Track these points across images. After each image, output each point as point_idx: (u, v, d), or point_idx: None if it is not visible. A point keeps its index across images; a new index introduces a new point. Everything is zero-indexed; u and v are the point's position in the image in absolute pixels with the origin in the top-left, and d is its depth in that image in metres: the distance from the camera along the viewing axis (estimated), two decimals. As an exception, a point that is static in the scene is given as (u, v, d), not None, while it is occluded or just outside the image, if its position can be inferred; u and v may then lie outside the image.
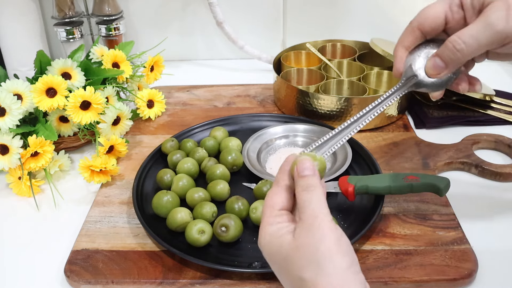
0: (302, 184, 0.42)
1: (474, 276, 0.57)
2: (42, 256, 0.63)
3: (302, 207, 0.41)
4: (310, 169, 0.43)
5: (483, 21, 0.46)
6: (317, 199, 0.41)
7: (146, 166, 0.74)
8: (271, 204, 0.43)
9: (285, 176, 0.44)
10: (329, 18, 1.12)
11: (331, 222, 0.39)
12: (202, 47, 1.17)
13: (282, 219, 0.42)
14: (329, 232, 0.38)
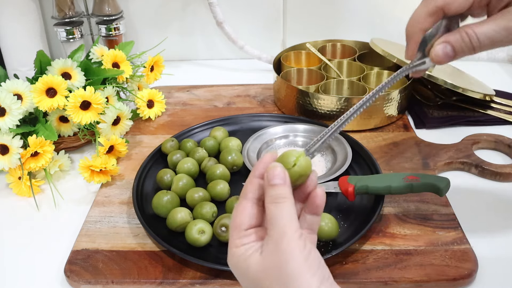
0: (271, 194, 0.40)
1: (474, 276, 0.57)
2: (42, 256, 0.63)
3: (270, 222, 0.39)
4: (280, 177, 0.40)
5: (504, 24, 0.44)
6: (286, 213, 0.39)
7: (146, 166, 0.74)
8: (237, 224, 0.41)
9: (253, 186, 0.41)
10: (329, 18, 1.12)
11: (299, 239, 0.37)
12: (202, 47, 1.17)
13: (249, 239, 0.40)
14: (296, 252, 0.37)
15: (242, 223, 0.40)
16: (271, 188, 0.40)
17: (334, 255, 0.56)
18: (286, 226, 0.38)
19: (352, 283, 0.56)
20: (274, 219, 0.38)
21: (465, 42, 0.46)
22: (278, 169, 0.40)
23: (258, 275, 0.38)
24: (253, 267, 0.39)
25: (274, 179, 0.40)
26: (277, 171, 0.40)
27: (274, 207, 0.39)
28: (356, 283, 0.56)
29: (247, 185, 0.42)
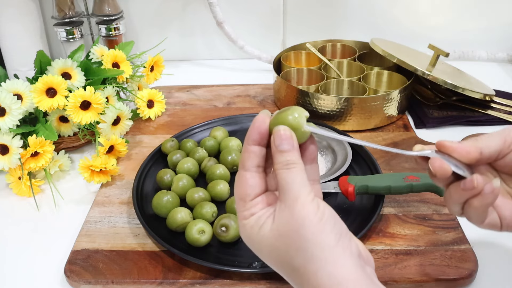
0: (281, 161, 0.39)
1: (474, 276, 0.57)
2: (42, 256, 0.63)
3: (282, 188, 0.39)
4: (288, 142, 0.39)
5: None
6: (297, 178, 0.38)
7: (146, 166, 0.74)
8: (241, 196, 0.40)
9: (249, 154, 0.40)
10: (329, 18, 1.12)
11: (312, 202, 0.38)
12: (202, 47, 1.17)
13: (257, 208, 0.40)
14: (311, 215, 0.37)
15: (247, 195, 0.40)
16: (280, 154, 0.39)
17: (334, 255, 0.56)
18: (299, 191, 0.38)
19: (352, 283, 0.56)
20: (286, 186, 0.38)
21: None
22: (286, 133, 0.39)
23: (274, 242, 0.38)
24: (268, 235, 0.38)
25: (282, 144, 0.39)
26: (284, 135, 0.39)
27: (286, 174, 0.38)
28: (356, 283, 0.56)
29: (243, 153, 0.41)
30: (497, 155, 0.45)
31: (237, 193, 0.41)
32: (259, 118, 0.41)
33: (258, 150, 0.40)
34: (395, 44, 0.99)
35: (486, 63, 1.13)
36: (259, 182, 0.40)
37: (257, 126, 0.41)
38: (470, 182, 0.42)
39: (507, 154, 0.45)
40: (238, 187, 0.41)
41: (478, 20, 1.10)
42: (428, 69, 0.87)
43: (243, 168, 0.40)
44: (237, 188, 0.41)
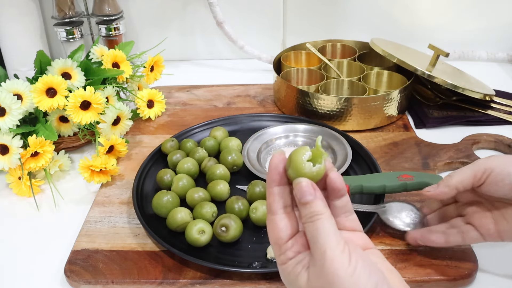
0: (305, 214, 0.38)
1: (474, 276, 0.57)
2: (42, 256, 0.63)
3: (310, 241, 0.38)
4: (310, 193, 0.38)
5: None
6: (323, 230, 0.37)
7: (146, 166, 0.74)
8: (275, 241, 0.40)
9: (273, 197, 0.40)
10: (329, 18, 1.12)
11: (342, 254, 0.36)
12: (202, 47, 1.17)
13: (292, 252, 0.39)
14: (341, 270, 0.35)
15: (279, 238, 0.39)
16: (303, 207, 0.38)
17: (334, 255, 0.56)
18: (326, 245, 0.36)
19: (352, 283, 0.56)
20: (313, 239, 0.37)
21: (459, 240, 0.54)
22: (306, 184, 0.38)
23: None
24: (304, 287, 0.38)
25: (304, 196, 0.38)
26: (305, 187, 0.38)
27: (312, 227, 0.38)
28: (356, 283, 0.56)
29: (268, 197, 0.40)
30: (471, 187, 0.53)
31: (270, 238, 0.40)
32: (275, 159, 0.40)
33: (282, 191, 0.40)
34: (395, 44, 0.99)
35: (486, 63, 1.13)
36: (288, 223, 0.40)
37: (274, 168, 0.40)
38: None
39: (480, 186, 0.52)
40: (270, 232, 0.40)
41: (478, 20, 1.10)
42: (428, 69, 0.87)
43: (271, 212, 0.40)
44: (269, 234, 0.40)
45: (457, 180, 0.53)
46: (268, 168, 0.40)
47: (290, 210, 0.40)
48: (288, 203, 0.40)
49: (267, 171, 0.41)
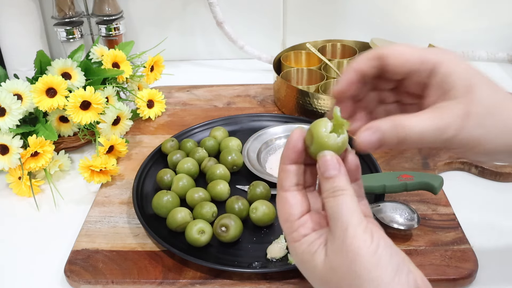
0: (328, 188, 0.37)
1: (474, 276, 0.57)
2: (42, 256, 0.63)
3: (332, 217, 0.36)
4: (334, 167, 0.37)
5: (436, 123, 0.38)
6: (346, 206, 0.36)
7: (146, 166, 0.74)
8: (286, 218, 0.38)
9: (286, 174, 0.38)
10: (329, 18, 1.12)
11: (364, 233, 0.35)
12: (202, 47, 1.17)
13: (307, 228, 0.37)
14: (363, 248, 0.34)
15: (291, 214, 0.38)
16: (326, 181, 0.37)
17: (334, 255, 0.56)
18: (349, 221, 0.35)
19: (352, 283, 0.56)
20: (335, 215, 0.36)
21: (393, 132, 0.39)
22: (330, 158, 0.37)
23: (326, 275, 0.36)
24: (320, 267, 0.36)
25: (328, 170, 0.37)
26: (330, 160, 0.37)
27: (333, 202, 0.36)
28: (356, 283, 0.56)
29: (280, 173, 0.39)
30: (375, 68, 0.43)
31: (280, 215, 0.38)
32: (294, 136, 0.39)
33: (296, 169, 0.39)
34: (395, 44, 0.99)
35: (486, 63, 1.13)
36: (301, 200, 0.38)
37: (293, 146, 0.39)
38: None
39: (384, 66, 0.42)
40: (280, 209, 0.38)
41: (478, 20, 1.10)
42: (428, 69, 0.86)
43: (282, 188, 0.39)
44: (280, 211, 0.39)
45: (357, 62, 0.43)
46: (286, 143, 0.39)
47: (302, 189, 0.39)
48: (301, 182, 0.39)
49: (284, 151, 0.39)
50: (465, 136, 0.38)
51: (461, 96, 0.38)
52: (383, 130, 0.38)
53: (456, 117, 0.38)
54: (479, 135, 0.39)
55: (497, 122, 0.39)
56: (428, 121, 0.38)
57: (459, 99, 0.38)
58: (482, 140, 0.39)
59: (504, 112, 0.40)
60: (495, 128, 0.39)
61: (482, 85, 0.40)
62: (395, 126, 0.38)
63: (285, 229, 0.38)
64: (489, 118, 0.39)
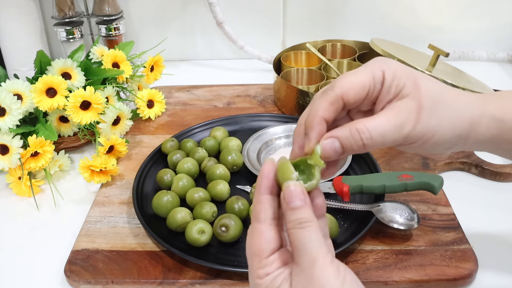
0: (293, 219, 0.36)
1: (474, 276, 0.57)
2: (42, 256, 0.63)
3: (298, 249, 0.35)
4: (299, 198, 0.36)
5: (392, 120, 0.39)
6: (313, 238, 0.35)
7: (146, 166, 0.74)
8: (256, 252, 0.37)
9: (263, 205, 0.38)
10: (329, 18, 1.12)
11: (331, 264, 0.35)
12: (202, 47, 1.17)
13: (273, 267, 0.37)
14: (330, 280, 0.34)
15: (262, 250, 0.37)
16: (292, 212, 0.36)
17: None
18: (317, 253, 0.35)
19: (352, 283, 0.56)
20: (302, 247, 0.35)
21: (355, 138, 0.39)
22: (296, 189, 0.37)
23: None
24: None
25: (294, 201, 0.36)
26: (295, 191, 0.37)
27: (300, 233, 0.36)
28: (356, 283, 0.56)
29: (256, 205, 0.38)
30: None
31: (251, 247, 0.38)
32: (266, 166, 0.39)
33: (272, 200, 0.38)
34: (395, 44, 0.99)
35: (486, 63, 1.13)
36: (275, 236, 0.37)
37: (266, 175, 0.38)
38: None
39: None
40: (252, 241, 0.38)
41: (478, 20, 1.10)
42: (428, 69, 0.86)
43: (257, 220, 0.38)
44: (251, 243, 0.38)
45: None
46: (259, 175, 0.39)
47: (276, 223, 0.38)
48: (276, 216, 0.38)
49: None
50: (421, 129, 0.40)
51: (411, 92, 0.40)
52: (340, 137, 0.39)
53: (411, 112, 0.40)
54: (433, 125, 0.41)
55: (446, 110, 0.41)
56: (387, 121, 0.40)
57: (410, 95, 0.40)
58: (436, 129, 0.41)
59: (449, 100, 0.42)
60: (445, 116, 0.41)
61: (425, 79, 0.41)
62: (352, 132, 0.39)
63: (251, 263, 0.37)
64: (439, 107, 0.41)
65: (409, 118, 0.40)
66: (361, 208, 0.63)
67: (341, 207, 0.64)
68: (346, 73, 0.42)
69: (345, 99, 0.40)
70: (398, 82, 0.40)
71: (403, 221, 0.60)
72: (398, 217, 0.61)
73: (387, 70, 0.41)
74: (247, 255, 0.38)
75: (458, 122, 0.42)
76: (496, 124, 0.43)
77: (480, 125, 0.43)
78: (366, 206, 0.63)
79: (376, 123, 0.39)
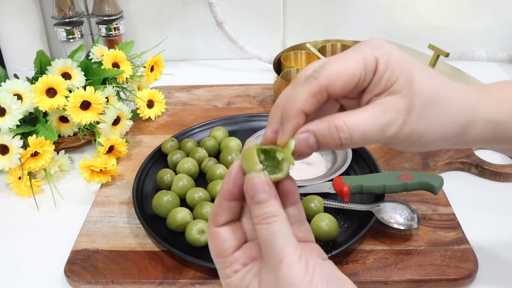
0: (258, 214, 0.34)
1: (474, 276, 0.57)
2: (42, 256, 0.63)
3: (264, 245, 0.34)
4: (264, 191, 0.34)
5: (377, 120, 0.35)
6: (279, 234, 0.33)
7: (146, 166, 0.74)
8: (217, 253, 0.36)
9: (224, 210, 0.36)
10: (329, 18, 1.12)
11: (299, 262, 0.33)
12: (202, 47, 1.17)
13: (239, 264, 0.35)
14: (298, 278, 0.32)
15: (223, 250, 0.36)
16: (257, 206, 0.34)
17: (334, 255, 0.56)
18: (283, 251, 0.33)
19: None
20: (268, 243, 0.33)
21: (332, 135, 0.35)
22: (260, 180, 0.34)
23: None
24: None
25: (257, 194, 0.34)
26: (259, 183, 0.34)
27: (266, 230, 0.33)
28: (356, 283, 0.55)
29: (216, 206, 0.36)
30: None
31: (212, 250, 0.36)
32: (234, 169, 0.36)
33: (235, 206, 0.36)
34: (395, 44, 0.99)
35: (486, 63, 1.13)
36: (233, 233, 0.36)
37: (234, 178, 0.36)
38: None
39: None
40: (211, 244, 0.36)
41: (478, 20, 1.10)
42: (428, 69, 0.86)
43: (214, 223, 0.36)
44: (211, 246, 0.36)
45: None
46: (226, 176, 0.36)
47: (235, 222, 0.37)
48: (236, 218, 0.37)
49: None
50: (408, 131, 0.36)
51: (403, 90, 0.36)
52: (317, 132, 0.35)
53: (399, 111, 0.36)
54: (422, 128, 0.37)
55: (439, 113, 0.37)
56: (370, 120, 0.35)
57: (402, 92, 0.36)
58: (425, 132, 0.37)
59: (443, 102, 0.37)
60: (437, 118, 0.37)
61: (421, 74, 0.37)
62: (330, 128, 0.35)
63: (217, 264, 0.36)
64: (432, 108, 0.37)
65: (395, 119, 0.35)
66: (361, 208, 0.63)
67: (341, 207, 0.64)
68: (335, 56, 0.37)
69: (330, 90, 0.35)
70: (391, 75, 0.36)
71: (403, 221, 0.60)
72: (398, 217, 0.61)
73: (381, 57, 0.36)
74: (213, 259, 0.37)
75: (449, 125, 0.38)
76: (490, 126, 0.40)
77: (472, 128, 0.40)
78: (366, 206, 0.63)
79: (358, 121, 0.35)
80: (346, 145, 0.35)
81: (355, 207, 0.63)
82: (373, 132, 0.35)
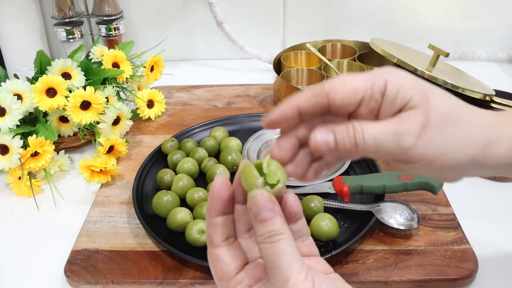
0: (263, 233, 0.33)
1: (474, 276, 0.57)
2: (42, 256, 0.63)
3: (269, 266, 0.33)
4: (268, 208, 0.33)
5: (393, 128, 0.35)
6: (285, 253, 0.32)
7: (146, 166, 0.74)
8: (220, 277, 0.35)
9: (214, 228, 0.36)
10: (329, 18, 1.12)
11: (305, 281, 0.32)
12: (202, 47, 1.17)
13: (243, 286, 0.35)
14: None
15: (226, 273, 0.35)
16: (261, 225, 0.33)
17: (334, 255, 0.56)
18: (289, 270, 0.32)
19: (352, 283, 0.56)
20: (273, 264, 0.33)
21: (349, 136, 0.35)
22: (264, 198, 0.33)
23: None
24: None
25: (261, 212, 0.33)
26: (262, 201, 0.33)
27: (271, 249, 0.33)
28: (356, 283, 0.56)
29: (208, 228, 0.36)
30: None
31: (215, 274, 0.36)
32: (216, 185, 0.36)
33: (224, 221, 0.36)
34: (395, 44, 0.99)
35: (486, 63, 1.13)
36: (234, 255, 0.36)
37: (217, 196, 0.36)
38: None
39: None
40: (213, 267, 0.36)
41: (478, 20, 1.10)
42: (428, 69, 0.86)
43: (212, 245, 0.36)
44: (213, 269, 0.36)
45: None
46: (209, 195, 0.36)
47: (233, 241, 0.37)
48: (232, 234, 0.36)
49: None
50: (425, 145, 0.35)
51: (419, 105, 0.35)
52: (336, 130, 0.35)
53: (415, 124, 0.35)
54: (439, 144, 0.36)
55: (456, 129, 0.36)
56: (385, 127, 0.35)
57: (419, 107, 0.35)
58: (443, 150, 0.36)
59: (461, 119, 0.37)
60: (454, 135, 0.36)
61: (437, 94, 0.37)
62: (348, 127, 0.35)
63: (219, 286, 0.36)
64: (448, 124, 0.36)
65: (411, 130, 0.35)
66: (361, 208, 0.63)
67: (341, 207, 0.64)
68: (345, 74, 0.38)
69: (330, 96, 0.36)
70: (405, 94, 0.35)
71: (403, 221, 0.60)
72: (398, 217, 0.61)
73: (390, 80, 0.36)
74: (216, 282, 0.36)
75: (470, 144, 0.37)
76: None
77: (497, 148, 0.37)
78: (366, 206, 0.63)
79: (373, 126, 0.35)
80: (359, 146, 0.35)
81: (355, 207, 0.63)
82: (387, 139, 0.35)
